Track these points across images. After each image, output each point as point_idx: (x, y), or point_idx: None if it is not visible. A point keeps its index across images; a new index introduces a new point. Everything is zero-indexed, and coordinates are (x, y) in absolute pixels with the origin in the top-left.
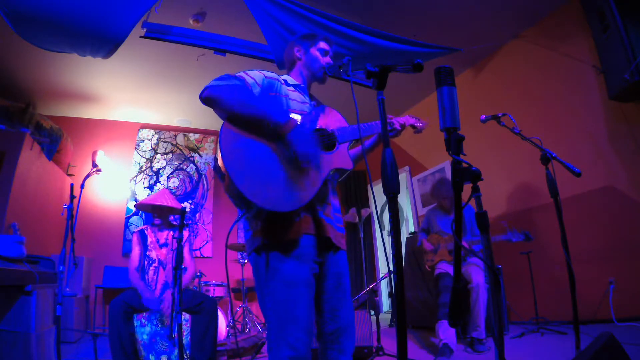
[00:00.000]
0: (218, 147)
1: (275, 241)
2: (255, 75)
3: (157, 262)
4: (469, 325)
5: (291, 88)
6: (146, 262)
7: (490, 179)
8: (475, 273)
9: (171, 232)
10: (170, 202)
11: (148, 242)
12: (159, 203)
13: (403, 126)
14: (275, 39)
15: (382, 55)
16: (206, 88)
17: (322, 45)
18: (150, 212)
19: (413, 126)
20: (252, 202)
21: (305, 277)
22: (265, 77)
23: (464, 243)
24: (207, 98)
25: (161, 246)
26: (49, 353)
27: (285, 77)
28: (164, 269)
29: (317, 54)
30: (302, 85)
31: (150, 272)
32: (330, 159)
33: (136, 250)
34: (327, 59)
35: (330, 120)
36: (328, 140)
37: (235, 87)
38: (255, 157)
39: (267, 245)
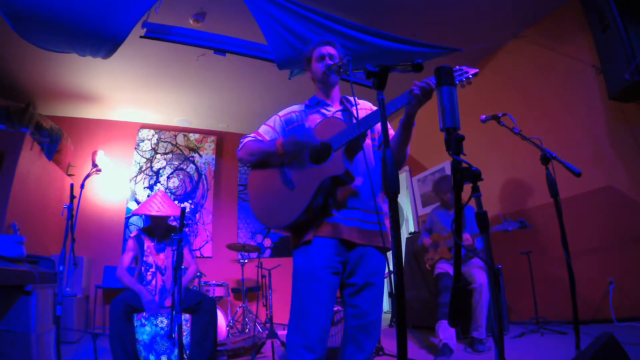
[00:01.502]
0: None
1: (296, 245)
2: (270, 121)
3: (154, 267)
4: (470, 325)
5: (314, 109)
6: (143, 268)
7: (490, 179)
8: (478, 273)
9: (166, 240)
10: (166, 209)
11: (145, 247)
12: (154, 214)
13: (427, 90)
14: (275, 39)
15: (382, 55)
16: (238, 151)
17: (316, 53)
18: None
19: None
20: (261, 222)
21: (314, 273)
22: (280, 117)
23: (467, 236)
24: (239, 160)
25: (158, 252)
26: (49, 353)
27: (311, 98)
28: (162, 274)
29: (317, 65)
30: (322, 100)
31: (148, 278)
32: (322, 170)
33: (129, 254)
34: (325, 61)
35: (331, 128)
36: (321, 153)
37: (247, 143)
38: (265, 188)
39: (293, 248)
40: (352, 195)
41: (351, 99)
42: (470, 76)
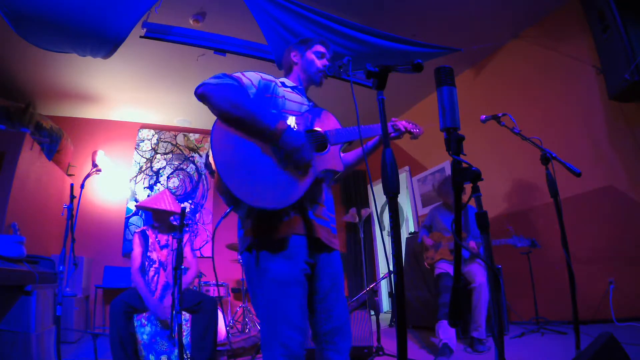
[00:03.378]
0: (209, 143)
1: (265, 240)
2: (252, 76)
3: (157, 263)
4: (470, 324)
5: (288, 89)
6: (147, 263)
7: (490, 178)
8: (478, 273)
9: (171, 235)
10: (169, 205)
11: (149, 243)
12: (158, 207)
13: (406, 129)
14: (275, 39)
15: (382, 55)
16: (201, 85)
17: (318, 48)
18: (151, 212)
19: (409, 132)
20: (240, 200)
21: (296, 277)
22: (262, 78)
23: (473, 244)
24: (202, 95)
25: (162, 247)
26: (49, 353)
27: (282, 79)
28: (165, 270)
29: (313, 57)
30: (299, 87)
31: (151, 273)
32: (321, 159)
33: (137, 251)
34: (324, 62)
35: (324, 122)
36: (319, 141)
37: (229, 87)
38: (245, 155)
39: (257, 244)
40: (323, 193)
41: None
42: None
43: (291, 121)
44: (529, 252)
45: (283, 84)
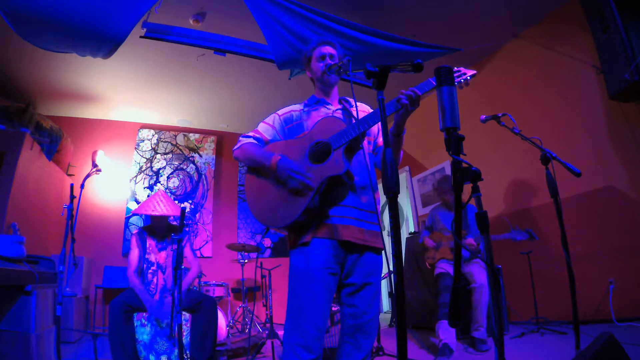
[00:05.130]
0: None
1: (294, 245)
2: (270, 119)
3: (155, 265)
4: (470, 324)
5: (313, 107)
6: (145, 265)
7: (490, 178)
8: (479, 273)
9: (170, 237)
10: (165, 209)
11: (147, 245)
12: (154, 213)
13: (414, 98)
14: (275, 39)
15: (382, 55)
16: (234, 150)
17: (316, 53)
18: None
19: (414, 93)
20: (265, 224)
21: (313, 274)
22: (279, 116)
23: (471, 241)
24: (236, 158)
25: (160, 250)
26: (49, 353)
27: (310, 97)
28: (163, 272)
29: (317, 64)
30: (322, 99)
31: (149, 275)
32: (324, 168)
33: (135, 252)
34: (326, 61)
35: (331, 127)
36: (324, 151)
37: (245, 146)
38: (261, 188)
39: (290, 248)
40: (348, 195)
41: (350, 99)
42: (469, 77)
43: (288, 153)
44: (529, 252)
45: (306, 105)
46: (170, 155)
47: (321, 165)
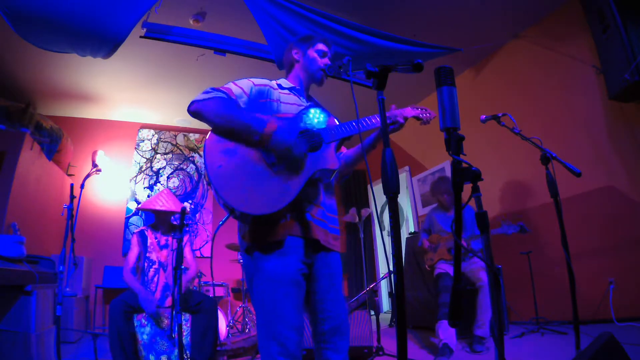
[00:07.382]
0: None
1: (261, 242)
2: (243, 84)
3: (157, 263)
4: (473, 323)
5: (285, 91)
6: (146, 264)
7: (490, 178)
8: (483, 272)
9: (171, 236)
10: (170, 205)
11: (148, 244)
12: (159, 208)
13: (406, 119)
14: (275, 39)
15: (382, 55)
16: (192, 102)
17: (320, 46)
18: (153, 213)
19: (417, 117)
20: (234, 208)
21: (291, 277)
22: (254, 84)
23: (462, 241)
24: (194, 112)
25: (161, 248)
26: (49, 353)
27: (280, 80)
28: (165, 270)
29: (315, 55)
30: (298, 87)
31: (151, 274)
32: (315, 159)
33: (134, 251)
34: (325, 60)
35: (317, 119)
36: (312, 141)
37: (217, 100)
38: (237, 164)
39: (254, 246)
40: (320, 194)
41: (315, 99)
42: (431, 118)
43: (283, 124)
44: (529, 252)
45: (280, 86)
46: (170, 155)
47: (314, 154)
